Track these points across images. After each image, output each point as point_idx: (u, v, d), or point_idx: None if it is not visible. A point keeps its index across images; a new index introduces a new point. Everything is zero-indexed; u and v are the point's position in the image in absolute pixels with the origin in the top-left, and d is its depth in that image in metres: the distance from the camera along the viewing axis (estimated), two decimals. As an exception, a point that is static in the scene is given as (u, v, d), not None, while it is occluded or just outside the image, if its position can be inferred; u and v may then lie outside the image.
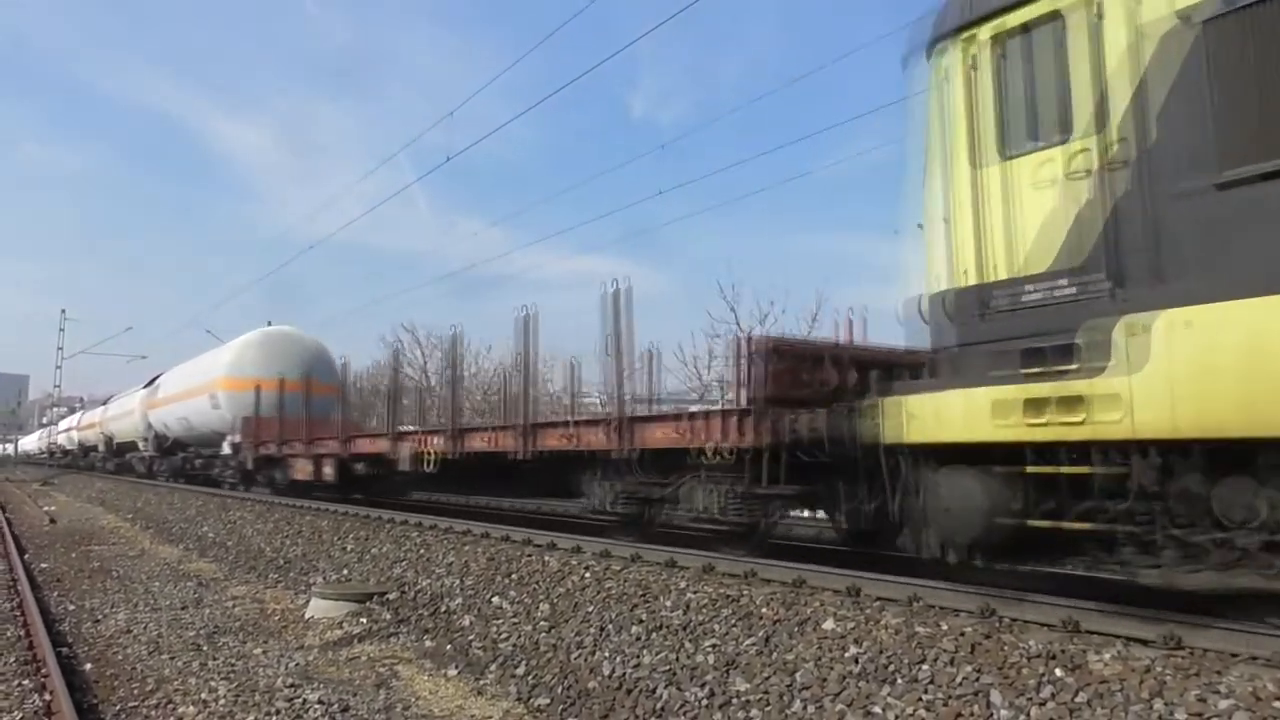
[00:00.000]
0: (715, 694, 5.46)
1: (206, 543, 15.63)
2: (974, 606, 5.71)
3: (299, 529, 14.11)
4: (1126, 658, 4.58)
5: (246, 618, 9.44)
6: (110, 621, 9.36)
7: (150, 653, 7.91)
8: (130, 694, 6.64)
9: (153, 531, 18.77)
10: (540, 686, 6.36)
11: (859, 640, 5.46)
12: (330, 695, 6.29)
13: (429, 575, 9.54)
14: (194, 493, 23.57)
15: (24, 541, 16.85)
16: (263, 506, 17.56)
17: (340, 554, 11.82)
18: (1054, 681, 4.53)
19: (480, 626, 7.76)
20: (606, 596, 7.37)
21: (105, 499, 28.89)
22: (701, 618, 6.42)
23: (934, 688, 4.78)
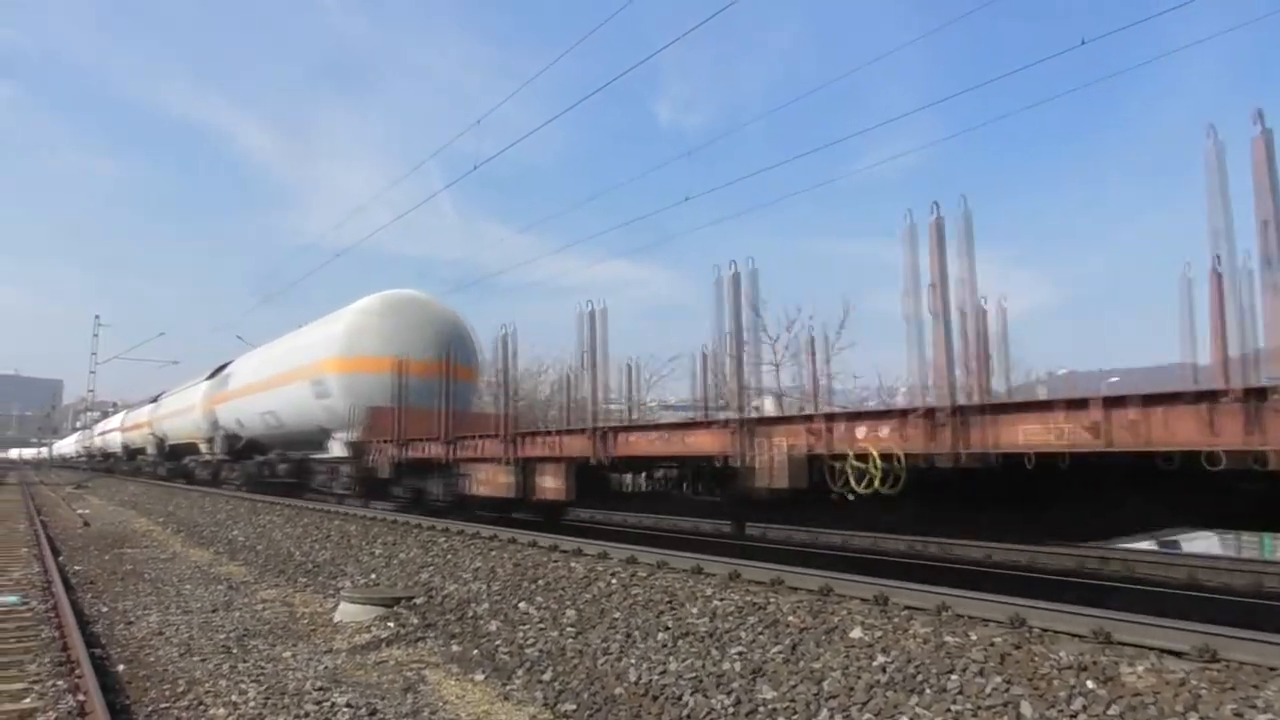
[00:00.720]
0: (742, 702, 5.44)
1: (237, 546, 15.77)
2: (1003, 616, 5.65)
3: (327, 533, 14.21)
4: (1160, 670, 4.52)
5: (276, 621, 9.51)
6: (142, 624, 9.46)
7: (182, 655, 7.98)
8: (162, 695, 6.70)
9: (184, 535, 18.96)
10: (566, 692, 6.36)
11: (887, 649, 5.42)
12: (358, 699, 6.32)
13: (456, 580, 9.57)
14: (225, 497, 23.77)
15: (58, 544, 17.05)
16: (292, 511, 17.72)
17: (368, 558, 11.90)
18: (1085, 694, 4.47)
19: (507, 632, 7.78)
20: (633, 603, 7.37)
21: (138, 503, 29.24)
22: (728, 625, 6.41)
23: (963, 698, 4.74)
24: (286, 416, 22.38)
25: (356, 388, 18.40)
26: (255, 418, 24.78)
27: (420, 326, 19.32)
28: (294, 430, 22.18)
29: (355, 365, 18.86)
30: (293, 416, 21.88)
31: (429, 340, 18.35)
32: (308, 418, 20.67)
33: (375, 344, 18.89)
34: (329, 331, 20.41)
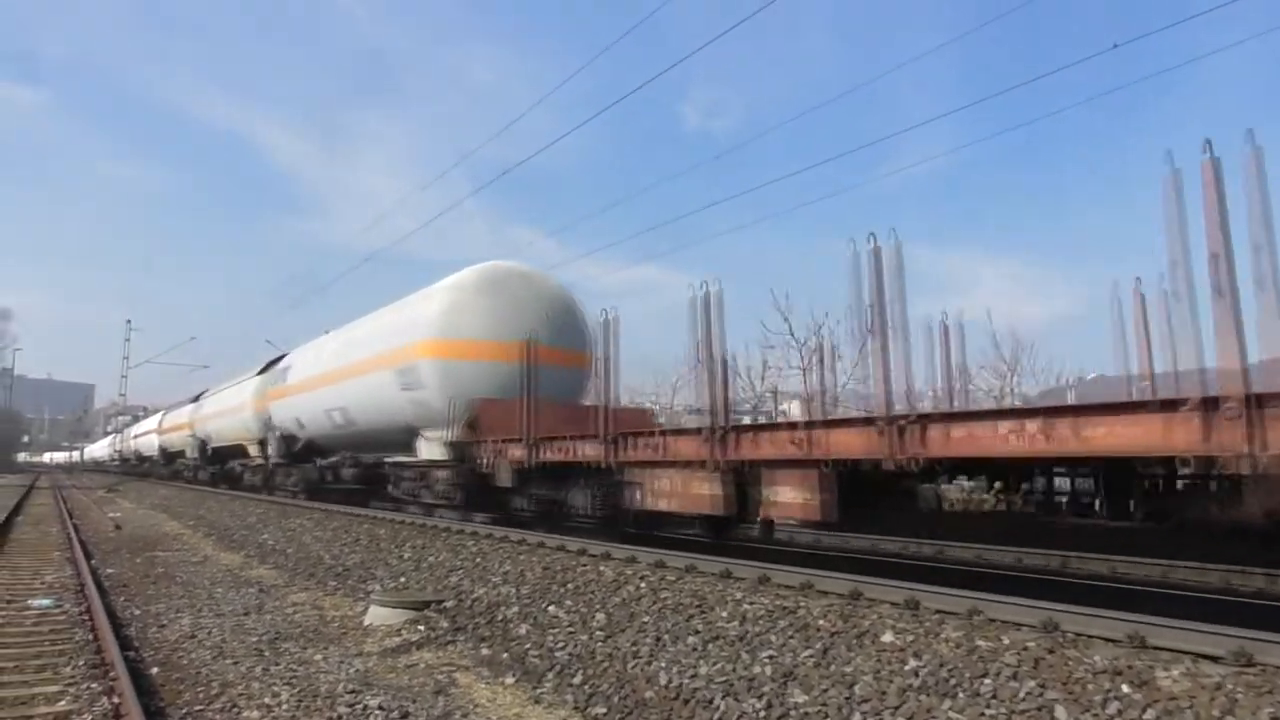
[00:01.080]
0: (773, 705, 5.43)
1: (266, 550, 15.91)
2: (1035, 620, 5.63)
3: (357, 537, 14.31)
4: (1195, 674, 4.49)
5: (307, 624, 9.59)
6: (175, 626, 9.56)
7: (214, 657, 8.07)
8: (195, 698, 6.78)
9: (214, 538, 19.13)
10: (597, 695, 6.38)
11: (919, 653, 5.41)
12: (390, 701, 6.36)
13: (485, 584, 9.62)
14: (254, 500, 23.98)
15: (90, 547, 17.24)
16: (321, 514, 17.85)
17: (398, 562, 11.97)
18: (1120, 698, 4.45)
19: (537, 635, 7.81)
20: (662, 607, 7.38)
21: (168, 506, 29.54)
22: (758, 629, 6.41)
23: (996, 702, 4.72)
24: (361, 413, 19.46)
25: (457, 377, 15.61)
26: (319, 416, 22.05)
27: (529, 304, 16.40)
28: (368, 429, 19.41)
29: (456, 350, 15.88)
30: (369, 413, 19.00)
31: (540, 320, 15.91)
32: (389, 414, 17.65)
33: (478, 325, 15.99)
34: (420, 312, 16.96)
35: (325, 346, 23.28)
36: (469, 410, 15.17)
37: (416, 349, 16.46)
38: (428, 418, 16.26)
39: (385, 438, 18.64)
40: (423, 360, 16.22)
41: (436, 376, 15.98)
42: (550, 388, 14.19)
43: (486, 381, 15.37)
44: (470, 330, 16.01)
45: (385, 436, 18.60)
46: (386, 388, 17.54)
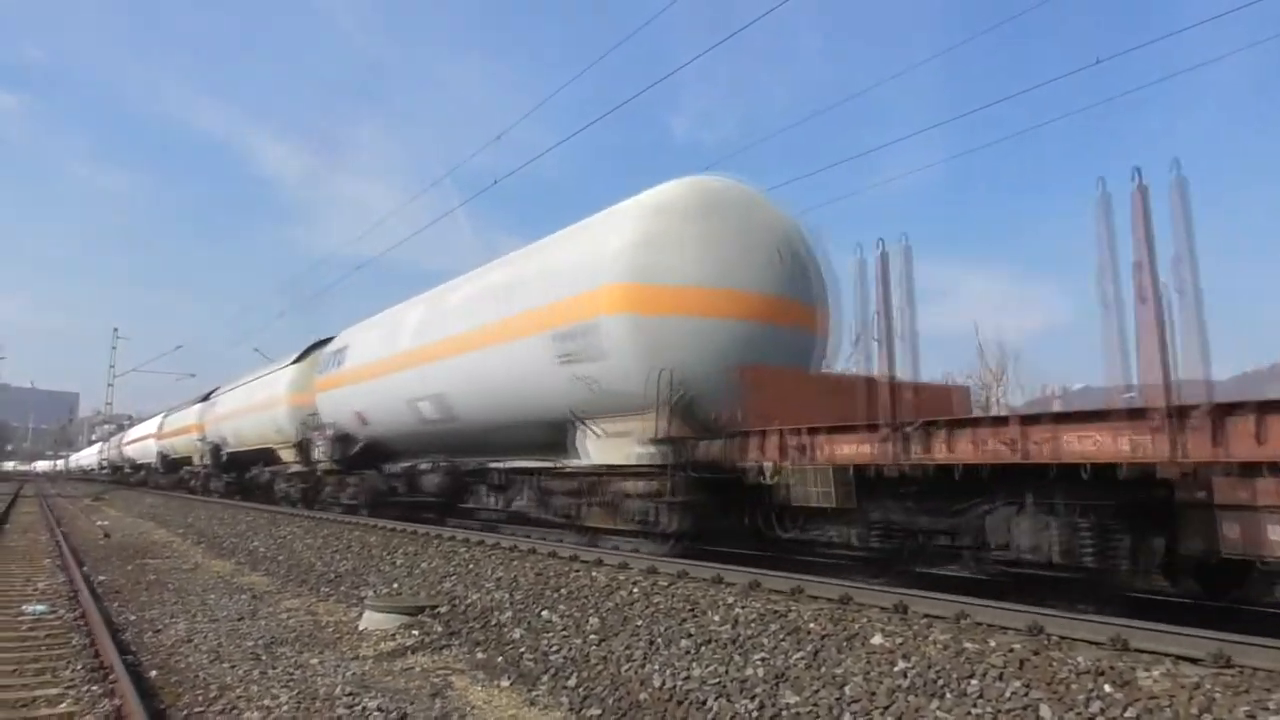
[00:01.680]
0: (765, 706, 5.56)
1: (258, 557, 15.95)
2: (1022, 624, 5.78)
3: (348, 544, 14.38)
4: (1175, 675, 4.63)
5: (301, 629, 9.67)
6: (170, 631, 9.62)
7: (211, 661, 8.14)
8: (195, 700, 6.86)
9: (204, 546, 19.15)
10: (592, 698, 6.49)
11: (907, 655, 5.54)
12: (388, 703, 6.46)
13: (479, 589, 9.72)
14: (243, 508, 23.99)
15: (80, 555, 17.24)
16: (311, 522, 17.89)
17: (390, 568, 12.06)
18: (1103, 697, 4.59)
19: (531, 639, 7.92)
20: (655, 611, 7.50)
21: (156, 514, 29.47)
22: (750, 632, 6.53)
23: (983, 702, 4.86)
24: (473, 401, 14.69)
25: (661, 340, 10.80)
26: (394, 409, 17.38)
27: (755, 238, 11.52)
28: (481, 423, 14.74)
29: (659, 301, 10.96)
30: (488, 400, 14.18)
31: (769, 262, 11.40)
32: (529, 399, 13.01)
33: (690, 265, 11.07)
34: (601, 247, 11.88)
35: (405, 317, 18.02)
36: (692, 388, 10.62)
37: (594, 301, 11.47)
38: (603, 403, 11.66)
39: (508, 435, 14.13)
40: (606, 318, 11.25)
41: (629, 340, 11.02)
42: (777, 357, 10.90)
43: (704, 347, 10.80)
44: (679, 273, 11.04)
45: (508, 433, 14.11)
46: (528, 362, 12.76)
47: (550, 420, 12.74)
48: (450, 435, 16.08)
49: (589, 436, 12.10)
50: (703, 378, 10.61)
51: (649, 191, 12.23)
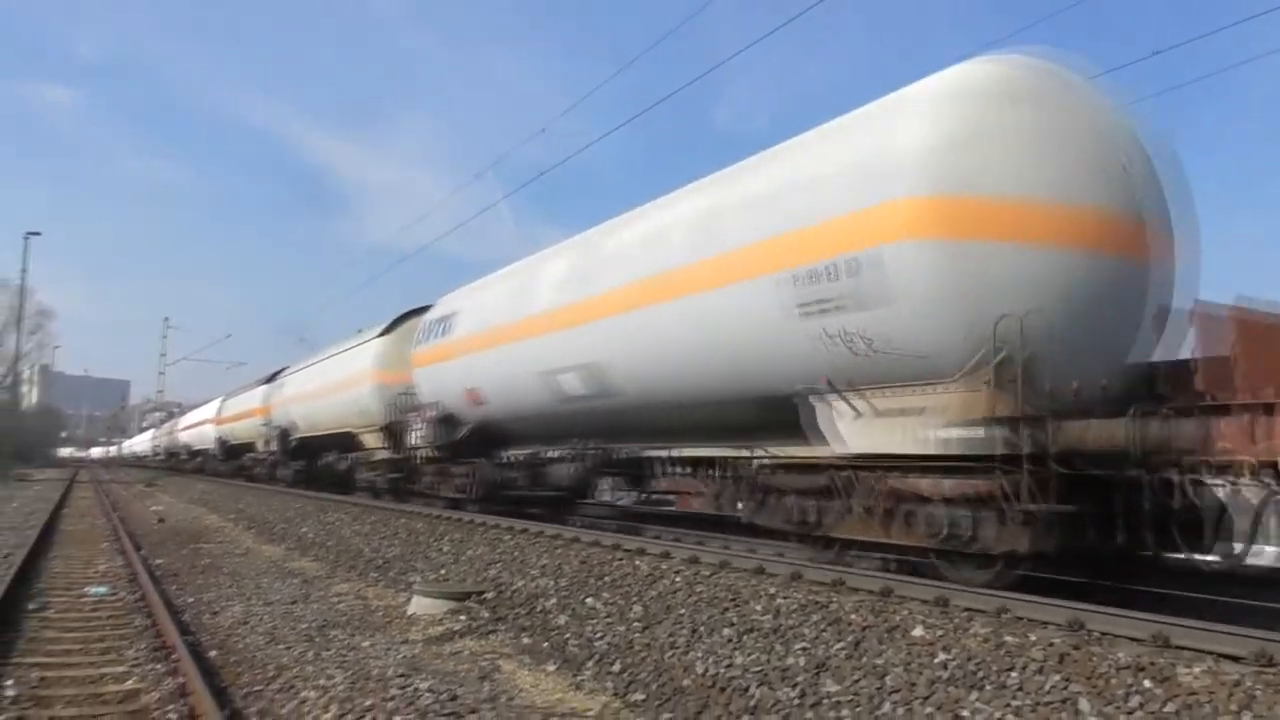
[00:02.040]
0: (807, 694, 5.68)
1: (307, 542, 16.33)
2: (1062, 619, 5.83)
3: (395, 531, 14.68)
4: (1216, 672, 4.67)
5: (352, 613, 9.95)
6: (227, 613, 9.94)
7: (267, 643, 8.42)
8: (254, 679, 7.13)
9: (255, 531, 19.61)
10: (636, 683, 6.65)
11: (948, 647, 5.63)
12: (439, 685, 6.67)
13: (524, 576, 9.93)
14: (292, 495, 24.47)
15: (136, 539, 17.75)
16: (359, 509, 18.26)
17: (437, 555, 12.32)
18: (1142, 692, 4.65)
19: (575, 626, 8.10)
20: (697, 600, 7.64)
21: (207, 500, 30.17)
22: (791, 622, 6.65)
23: (1022, 694, 4.94)
24: (639, 370, 11.80)
25: (987, 275, 7.67)
26: (525, 384, 14.40)
27: (1099, 137, 8.12)
28: (651, 399, 11.88)
29: (979, 219, 7.74)
30: (673, 366, 11.12)
31: (1118, 172, 7.97)
32: (751, 362, 9.92)
33: (1026, 170, 7.84)
34: (884, 146, 8.62)
35: (541, 271, 14.93)
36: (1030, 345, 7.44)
37: (871, 224, 8.29)
38: (875, 367, 8.53)
39: (692, 415, 11.38)
40: (894, 246, 8.08)
41: (934, 277, 7.90)
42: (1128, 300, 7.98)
43: (1051, 287, 7.63)
44: (1001, 180, 7.81)
45: (693, 413, 11.34)
46: (744, 315, 9.75)
47: (768, 394, 9.62)
48: (601, 416, 13.15)
49: (844, 415, 8.87)
50: (1047, 331, 7.48)
51: (948, 71, 8.87)
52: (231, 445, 40.18)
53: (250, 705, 6.44)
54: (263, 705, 6.43)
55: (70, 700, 6.59)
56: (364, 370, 23.01)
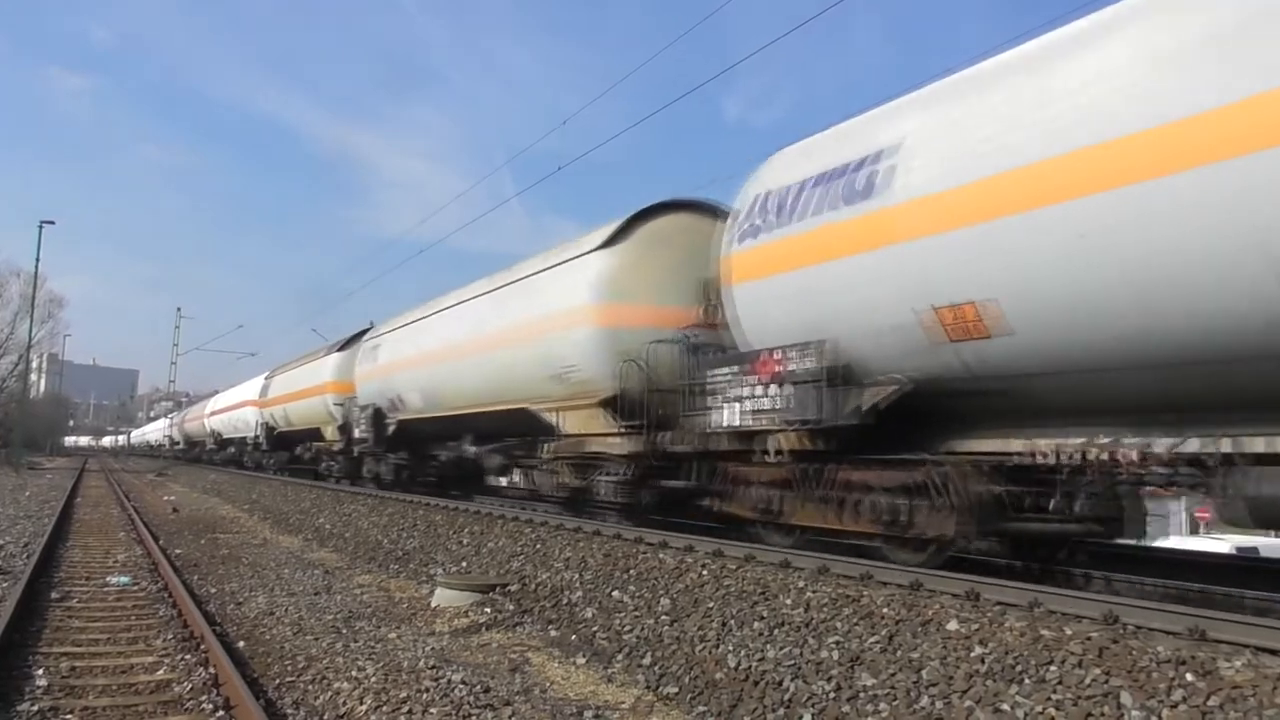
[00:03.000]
0: (842, 688, 5.69)
1: (324, 534, 16.40)
2: (1097, 613, 5.82)
3: (413, 522, 14.72)
4: (1257, 665, 4.67)
5: (376, 604, 9.99)
6: (251, 604, 9.98)
7: (295, 634, 8.46)
8: (285, 670, 7.16)
9: (271, 522, 19.69)
10: (668, 676, 6.67)
11: (984, 641, 5.62)
12: (471, 677, 6.69)
13: (548, 569, 9.95)
14: (307, 486, 24.53)
15: (153, 529, 17.83)
16: (375, 500, 18.28)
17: (457, 547, 12.35)
18: (1185, 685, 4.64)
19: (603, 619, 8.12)
20: (726, 593, 7.64)
21: (220, 490, 30.29)
22: (822, 616, 6.65)
23: (1063, 688, 4.93)
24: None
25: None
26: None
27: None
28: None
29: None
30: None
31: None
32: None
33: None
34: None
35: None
36: None
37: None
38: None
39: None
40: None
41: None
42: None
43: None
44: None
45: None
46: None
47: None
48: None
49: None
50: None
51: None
52: (282, 433, 32.49)
53: (284, 696, 6.47)
54: (296, 696, 6.47)
55: (103, 690, 6.62)
56: (570, 309, 13.99)
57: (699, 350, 11.13)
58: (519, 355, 14.36)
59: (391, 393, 20.44)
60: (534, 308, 14.06)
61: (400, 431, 20.55)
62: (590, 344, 12.49)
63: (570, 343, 12.86)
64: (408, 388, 19.46)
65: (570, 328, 12.88)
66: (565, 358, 12.99)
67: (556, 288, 13.54)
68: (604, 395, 12.28)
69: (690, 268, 11.45)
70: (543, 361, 13.52)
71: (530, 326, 14.04)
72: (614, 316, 12.35)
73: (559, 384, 13.24)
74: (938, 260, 7.62)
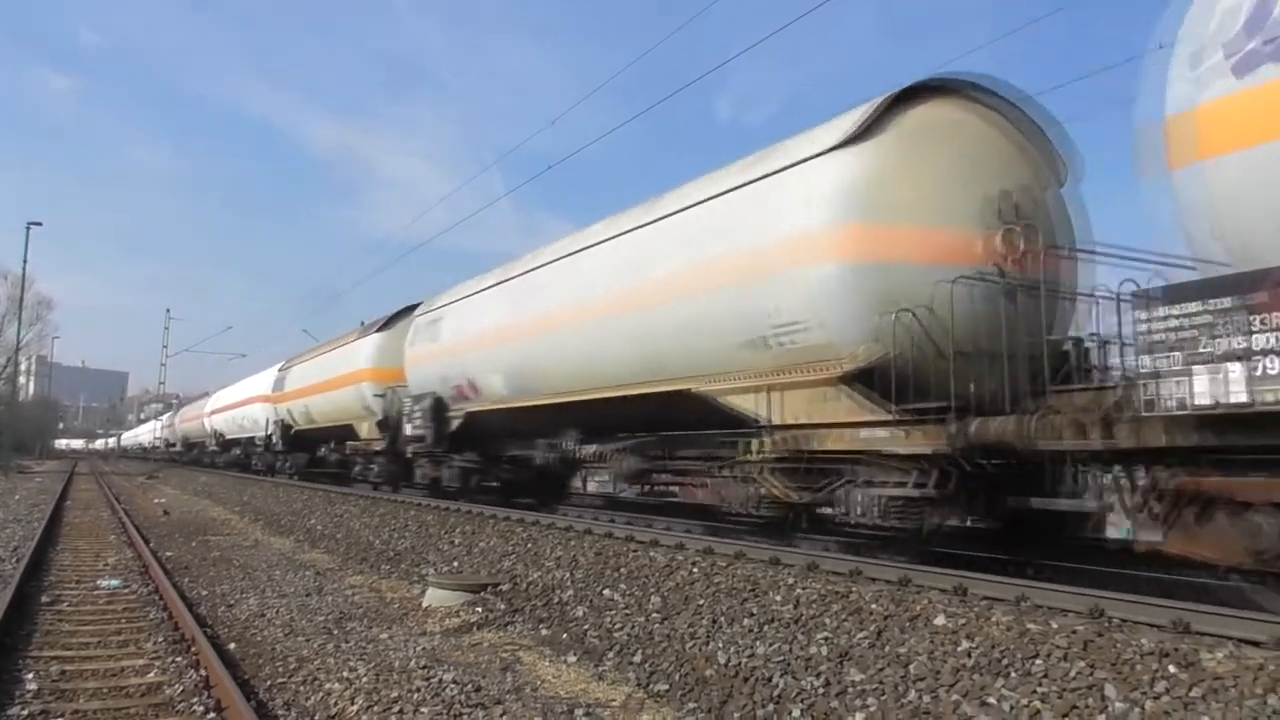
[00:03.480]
0: (831, 683, 5.73)
1: (316, 535, 16.39)
2: (1083, 607, 5.87)
3: (405, 523, 14.72)
4: (1239, 657, 4.73)
5: (368, 605, 10.00)
6: (242, 606, 9.98)
7: (286, 635, 8.47)
8: (276, 671, 7.17)
9: (263, 523, 19.67)
10: (658, 674, 6.71)
11: (970, 635, 5.67)
12: (462, 676, 6.71)
13: (539, 568, 9.97)
14: (297, 487, 24.49)
15: (144, 531, 17.78)
16: (366, 501, 18.28)
17: (449, 547, 12.36)
18: (1167, 677, 4.70)
19: (594, 617, 8.15)
20: (716, 591, 7.68)
21: (211, 492, 30.22)
22: (812, 612, 6.69)
23: (1048, 681, 4.99)
24: None
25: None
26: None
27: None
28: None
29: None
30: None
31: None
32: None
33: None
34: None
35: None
36: None
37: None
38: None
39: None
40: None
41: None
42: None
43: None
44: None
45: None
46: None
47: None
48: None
49: None
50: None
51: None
52: (301, 432, 28.38)
53: (276, 697, 6.49)
54: (288, 697, 6.48)
55: (93, 693, 6.62)
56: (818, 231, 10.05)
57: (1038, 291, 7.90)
58: (690, 313, 10.23)
59: (459, 378, 16.05)
60: (719, 242, 9.93)
61: (469, 426, 16.19)
62: (834, 287, 8.55)
63: (796, 288, 8.88)
64: (486, 369, 15.21)
65: (794, 266, 8.89)
66: (783, 311, 9.02)
67: (763, 211, 9.44)
68: (855, 365, 8.39)
69: (978, 178, 8.52)
70: (739, 319, 9.56)
71: (714, 269, 9.89)
72: (871, 246, 8.40)
73: (762, 352, 9.35)
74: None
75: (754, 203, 9.59)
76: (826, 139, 8.95)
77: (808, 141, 9.31)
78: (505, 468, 15.96)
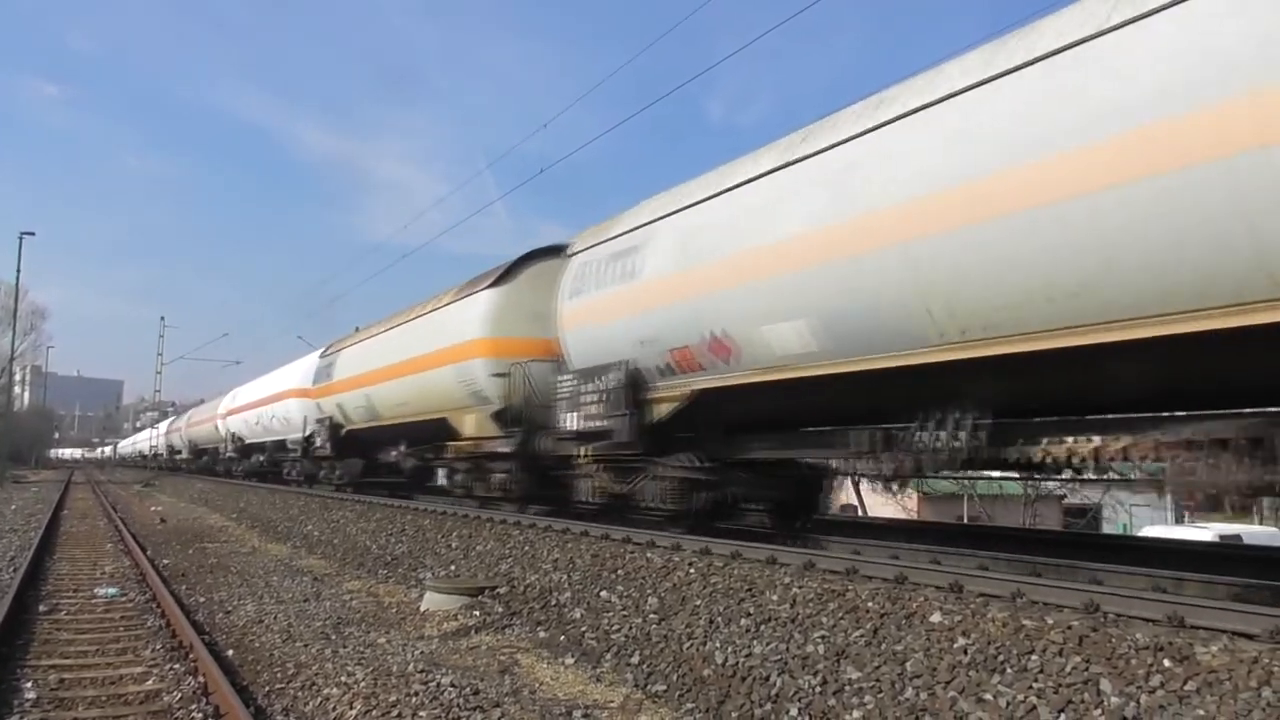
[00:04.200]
0: (828, 681, 5.75)
1: (313, 541, 16.38)
2: (1078, 603, 5.89)
3: (402, 527, 14.72)
4: (1234, 650, 4.74)
5: (365, 610, 10.00)
6: (240, 612, 9.99)
7: (284, 641, 8.47)
8: (274, 677, 7.17)
9: (259, 530, 19.66)
10: (656, 674, 6.72)
11: (966, 632, 5.69)
12: (460, 680, 6.73)
13: (536, 571, 9.98)
14: (294, 493, 24.46)
15: (140, 539, 17.76)
16: (363, 506, 18.28)
17: (446, 551, 12.36)
18: (1162, 671, 4.71)
19: (591, 619, 8.16)
20: (713, 591, 7.69)
21: (207, 499, 30.18)
22: (808, 611, 6.70)
23: (1044, 676, 5.00)
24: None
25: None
26: None
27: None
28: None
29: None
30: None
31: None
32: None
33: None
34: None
35: None
36: None
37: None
38: None
39: None
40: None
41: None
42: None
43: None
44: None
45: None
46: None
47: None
48: None
49: None
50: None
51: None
52: (354, 432, 22.81)
53: (274, 703, 6.50)
54: (286, 703, 6.49)
55: (92, 701, 6.64)
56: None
57: None
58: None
59: (691, 333, 10.01)
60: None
61: (695, 412, 10.61)
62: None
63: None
64: (761, 311, 9.00)
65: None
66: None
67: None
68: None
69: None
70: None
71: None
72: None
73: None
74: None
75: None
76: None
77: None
78: (744, 476, 10.76)
